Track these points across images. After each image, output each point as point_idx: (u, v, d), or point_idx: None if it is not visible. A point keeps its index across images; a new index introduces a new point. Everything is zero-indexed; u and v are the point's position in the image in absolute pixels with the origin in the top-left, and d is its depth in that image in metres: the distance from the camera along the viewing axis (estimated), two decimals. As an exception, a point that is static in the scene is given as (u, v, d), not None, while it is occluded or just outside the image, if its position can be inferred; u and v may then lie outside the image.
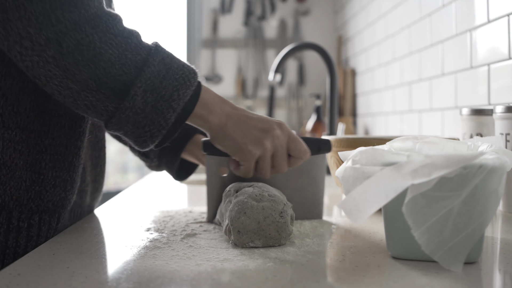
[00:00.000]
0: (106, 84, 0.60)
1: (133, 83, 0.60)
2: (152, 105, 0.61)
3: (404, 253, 0.55)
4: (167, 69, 0.62)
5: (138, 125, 0.62)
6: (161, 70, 0.62)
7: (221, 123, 0.68)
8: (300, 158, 0.72)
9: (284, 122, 0.72)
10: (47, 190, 0.69)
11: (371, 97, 2.13)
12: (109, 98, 0.60)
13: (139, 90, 0.60)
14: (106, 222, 0.79)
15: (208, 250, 0.59)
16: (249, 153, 0.68)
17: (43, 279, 0.48)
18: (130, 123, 0.61)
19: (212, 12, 2.82)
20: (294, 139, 0.71)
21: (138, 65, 0.61)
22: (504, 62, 1.07)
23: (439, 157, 0.49)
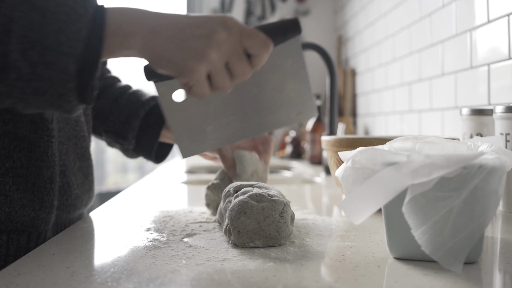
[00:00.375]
0: None
1: (7, 49, 0.50)
2: (41, 62, 0.50)
3: (404, 253, 0.55)
4: (43, 13, 0.51)
5: (40, 92, 0.52)
6: (34, 18, 0.50)
7: (147, 42, 0.55)
8: (261, 55, 0.59)
9: (232, 16, 0.58)
10: (16, 210, 0.68)
11: (371, 97, 2.13)
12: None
13: (15, 53, 0.50)
14: (106, 222, 0.79)
15: (208, 250, 0.59)
16: (192, 71, 0.55)
17: (43, 279, 0.48)
18: (31, 94, 0.51)
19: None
20: (248, 33, 0.58)
21: (5, 27, 0.49)
22: (504, 62, 1.07)
23: (439, 157, 0.49)
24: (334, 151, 0.90)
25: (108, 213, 0.87)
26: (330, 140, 0.92)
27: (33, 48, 0.50)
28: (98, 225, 0.76)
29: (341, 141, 0.89)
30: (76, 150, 0.81)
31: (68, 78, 0.52)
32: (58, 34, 0.50)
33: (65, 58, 0.51)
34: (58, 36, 0.50)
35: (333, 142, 0.91)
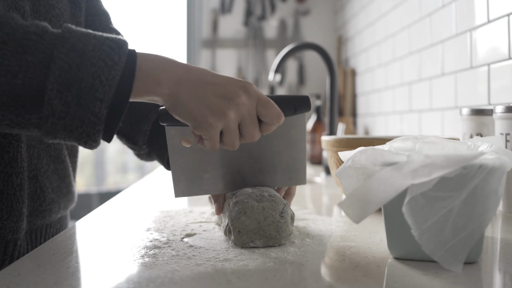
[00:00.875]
0: (19, 96, 0.52)
1: (44, 86, 0.52)
2: (76, 103, 0.53)
3: (404, 253, 0.55)
4: (81, 56, 0.53)
5: (70, 129, 0.54)
6: (73, 60, 0.52)
7: (172, 92, 0.57)
8: (272, 124, 0.62)
9: (252, 83, 0.61)
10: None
11: (371, 97, 2.13)
12: (28, 110, 0.53)
13: (52, 92, 0.52)
14: (106, 222, 0.79)
15: (208, 250, 0.59)
16: (209, 126, 0.58)
17: (43, 279, 0.48)
18: (61, 129, 0.54)
19: (212, 12, 2.82)
20: (264, 102, 0.61)
21: (43, 64, 0.52)
22: (504, 62, 1.07)
23: (439, 157, 0.49)
24: (334, 151, 0.90)
25: (108, 213, 0.87)
26: (330, 140, 0.92)
27: (69, 89, 0.52)
28: (98, 225, 0.76)
29: (341, 141, 0.89)
30: (49, 153, 0.79)
31: (99, 122, 0.54)
32: (94, 79, 0.53)
33: (98, 103, 0.53)
34: (94, 81, 0.53)
35: (333, 142, 0.91)
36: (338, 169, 0.57)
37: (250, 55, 2.83)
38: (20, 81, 0.51)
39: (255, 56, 2.82)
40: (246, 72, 2.83)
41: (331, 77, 1.66)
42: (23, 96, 0.52)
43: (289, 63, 2.82)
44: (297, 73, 2.82)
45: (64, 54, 0.52)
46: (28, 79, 0.52)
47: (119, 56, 0.54)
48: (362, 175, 0.53)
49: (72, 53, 0.53)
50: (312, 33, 2.82)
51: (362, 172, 0.53)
